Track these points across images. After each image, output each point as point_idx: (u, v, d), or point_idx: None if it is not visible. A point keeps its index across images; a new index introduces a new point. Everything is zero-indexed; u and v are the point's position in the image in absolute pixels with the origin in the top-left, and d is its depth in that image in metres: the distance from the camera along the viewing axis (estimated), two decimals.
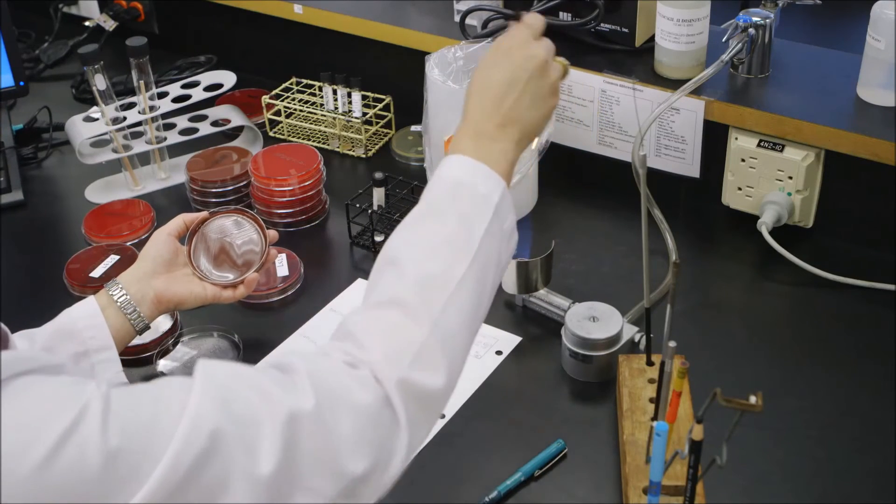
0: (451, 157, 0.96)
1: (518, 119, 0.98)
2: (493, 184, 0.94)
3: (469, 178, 0.94)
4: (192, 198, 1.57)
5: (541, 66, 0.99)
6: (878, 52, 1.34)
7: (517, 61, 0.99)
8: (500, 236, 0.93)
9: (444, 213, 0.92)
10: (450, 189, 0.94)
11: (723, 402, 0.85)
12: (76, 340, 1.15)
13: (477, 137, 0.96)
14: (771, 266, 1.39)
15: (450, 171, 0.95)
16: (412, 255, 0.90)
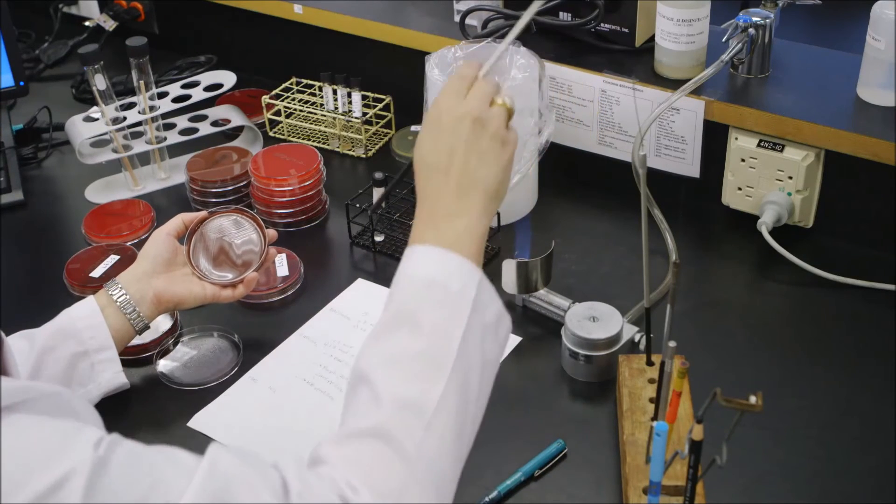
0: (415, 248, 0.90)
1: (472, 184, 0.92)
2: (466, 275, 0.88)
3: (439, 274, 0.87)
4: (192, 198, 1.57)
5: (473, 123, 0.92)
6: (878, 52, 1.34)
7: (448, 127, 0.93)
8: (483, 333, 0.87)
9: (416, 323, 0.85)
10: (419, 291, 0.87)
11: (723, 402, 0.85)
12: (76, 340, 1.15)
13: (435, 219, 0.91)
14: (771, 266, 1.39)
15: (415, 267, 0.89)
16: (385, 375, 0.83)
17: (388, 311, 0.88)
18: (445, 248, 0.89)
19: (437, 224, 0.91)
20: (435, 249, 0.89)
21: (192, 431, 1.19)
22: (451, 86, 0.96)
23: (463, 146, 0.92)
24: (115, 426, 1.18)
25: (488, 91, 0.96)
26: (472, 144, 0.92)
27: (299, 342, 1.31)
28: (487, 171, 0.93)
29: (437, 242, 0.90)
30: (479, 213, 0.92)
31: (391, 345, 0.86)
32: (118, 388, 1.19)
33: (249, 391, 1.25)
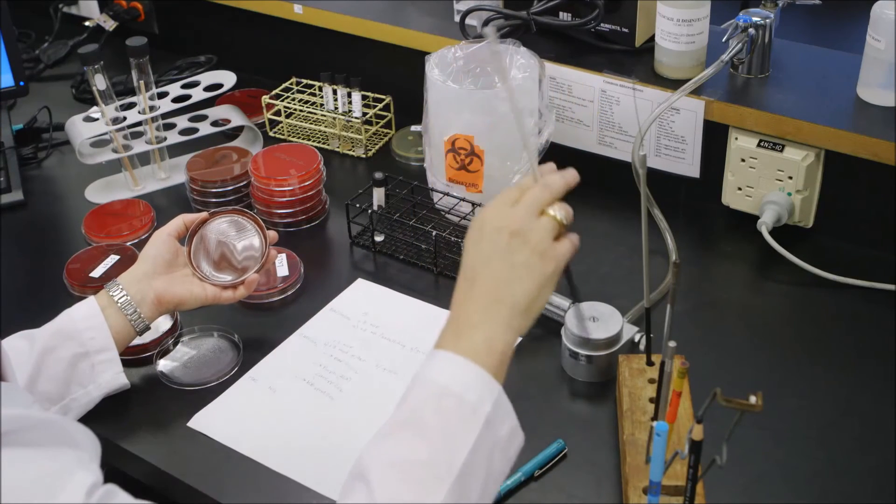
0: (436, 353, 0.88)
1: (500, 297, 0.89)
2: (484, 388, 0.85)
3: (455, 383, 0.85)
4: (192, 198, 1.57)
5: (512, 235, 0.90)
6: (878, 52, 1.34)
7: (486, 237, 0.91)
8: (493, 448, 0.85)
9: (424, 429, 0.84)
10: (434, 397, 0.85)
11: (723, 402, 0.85)
12: (76, 341, 1.15)
13: (459, 327, 0.89)
14: (771, 266, 1.39)
15: (433, 372, 0.87)
16: (384, 477, 0.82)
17: (400, 411, 0.87)
18: (466, 358, 0.87)
19: (461, 332, 0.89)
20: (456, 357, 0.87)
21: (192, 431, 1.19)
22: (504, 194, 0.93)
23: (497, 258, 0.90)
24: (115, 426, 1.19)
25: (540, 200, 0.93)
26: (507, 257, 0.90)
27: (299, 342, 1.31)
28: (519, 286, 0.89)
29: (458, 351, 0.87)
30: (503, 327, 0.89)
31: (396, 447, 0.85)
32: (118, 389, 1.19)
33: (249, 391, 1.25)
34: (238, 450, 1.16)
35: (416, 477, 0.82)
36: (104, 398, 1.18)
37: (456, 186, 1.45)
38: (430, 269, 1.42)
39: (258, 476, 1.13)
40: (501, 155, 1.42)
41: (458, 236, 1.40)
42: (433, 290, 1.39)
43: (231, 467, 1.15)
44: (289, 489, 1.12)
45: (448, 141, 1.42)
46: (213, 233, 1.28)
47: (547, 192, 0.93)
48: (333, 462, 1.14)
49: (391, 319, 1.34)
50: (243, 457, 1.16)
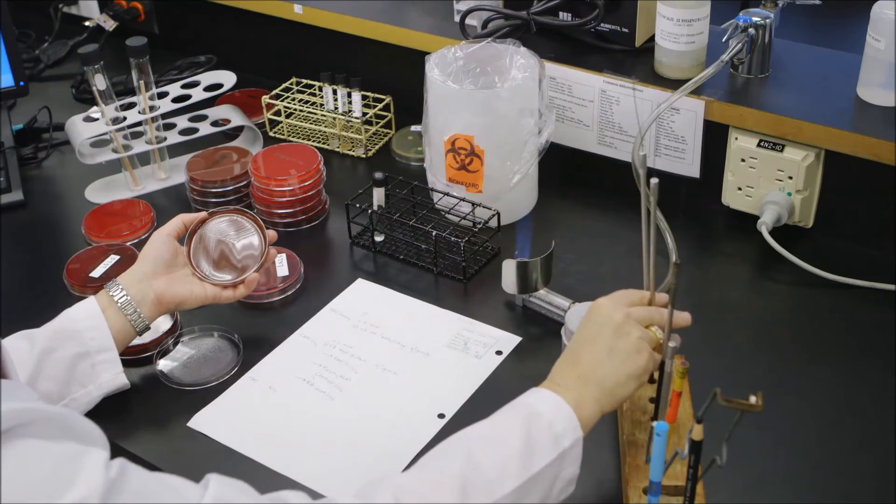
0: (535, 390, 1.00)
1: (594, 375, 1.00)
2: (569, 426, 0.96)
3: (549, 412, 0.96)
4: (192, 198, 1.57)
5: (618, 326, 1.02)
6: (878, 52, 1.34)
7: (596, 319, 1.03)
8: (555, 480, 0.95)
9: (513, 433, 0.94)
10: (525, 416, 0.96)
11: (723, 402, 0.85)
12: (77, 341, 1.15)
13: (554, 386, 1.00)
14: (771, 266, 1.39)
15: (531, 399, 0.99)
16: (469, 452, 0.92)
17: (497, 418, 0.98)
18: (563, 398, 0.98)
19: (557, 388, 1.00)
20: (554, 395, 0.98)
21: (192, 431, 1.19)
22: (627, 293, 1.08)
23: (599, 341, 1.02)
24: (116, 426, 1.18)
25: (652, 316, 1.05)
26: (608, 342, 1.01)
27: (299, 342, 1.31)
28: (611, 368, 1.00)
29: (556, 392, 0.99)
30: (591, 399, 0.99)
31: (481, 441, 0.95)
32: (118, 389, 1.19)
33: (249, 391, 1.25)
34: (238, 450, 1.16)
35: (494, 464, 0.92)
36: (104, 398, 1.18)
37: (456, 186, 1.45)
38: (429, 269, 1.42)
39: (258, 476, 1.13)
40: (501, 155, 1.42)
41: (457, 236, 1.40)
42: (433, 290, 1.39)
43: (231, 467, 1.15)
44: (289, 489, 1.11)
45: (448, 141, 1.42)
46: (213, 232, 1.28)
47: (659, 315, 1.06)
48: (333, 462, 1.14)
49: (391, 319, 1.34)
50: (243, 457, 1.16)
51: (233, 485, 0.84)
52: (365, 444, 1.17)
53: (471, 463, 0.91)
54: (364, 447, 1.16)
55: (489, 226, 1.42)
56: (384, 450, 1.15)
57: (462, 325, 1.32)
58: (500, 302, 1.35)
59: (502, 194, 1.44)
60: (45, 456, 0.74)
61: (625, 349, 1.01)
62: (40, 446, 0.75)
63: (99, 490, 0.73)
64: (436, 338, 1.30)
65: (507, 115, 1.40)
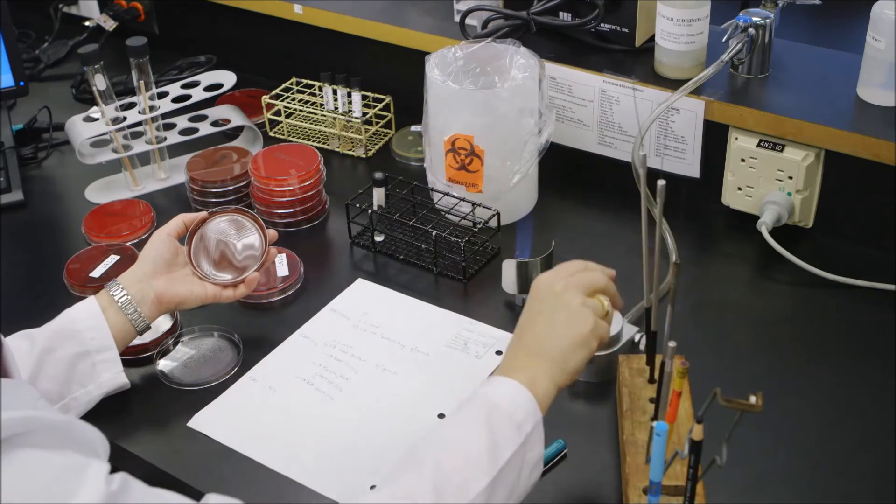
0: (491, 378, 1.00)
1: (540, 350, 1.01)
2: (529, 411, 0.97)
3: (507, 402, 0.96)
4: (192, 198, 1.57)
5: (558, 295, 1.03)
6: (878, 52, 1.34)
7: (536, 295, 1.04)
8: (522, 465, 0.95)
9: (478, 433, 0.94)
10: (486, 410, 0.96)
11: (723, 402, 0.85)
12: (77, 340, 1.15)
13: (507, 370, 1.00)
14: (771, 266, 1.39)
15: (488, 391, 0.99)
16: (438, 461, 0.92)
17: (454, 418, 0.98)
18: (519, 383, 0.98)
19: (510, 372, 1.00)
20: (510, 381, 0.98)
21: (192, 431, 1.19)
22: (569, 264, 1.08)
23: (542, 315, 1.02)
24: (116, 426, 1.18)
25: (595, 282, 1.06)
26: (550, 315, 1.02)
27: (299, 342, 1.31)
28: (555, 342, 1.01)
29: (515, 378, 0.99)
30: (544, 377, 0.99)
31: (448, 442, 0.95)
32: (119, 388, 1.19)
33: (249, 391, 1.25)
34: (238, 450, 1.16)
35: (464, 466, 0.92)
36: (104, 398, 1.18)
37: (456, 186, 1.45)
38: (430, 269, 1.42)
39: (258, 476, 1.13)
40: (501, 155, 1.42)
41: (457, 236, 1.40)
42: (433, 290, 1.39)
43: (231, 467, 1.15)
44: (289, 489, 1.12)
45: (448, 141, 1.42)
46: (213, 232, 1.28)
47: (604, 279, 1.07)
48: (333, 462, 1.14)
49: (391, 319, 1.34)
50: (243, 457, 1.16)
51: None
52: (365, 444, 1.17)
53: (440, 471, 0.91)
54: (364, 447, 1.16)
55: (489, 226, 1.42)
56: (384, 450, 1.15)
57: (462, 325, 1.32)
58: (500, 302, 1.35)
59: (502, 194, 1.44)
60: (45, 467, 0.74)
61: (566, 318, 1.01)
62: (41, 456, 0.74)
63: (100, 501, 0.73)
64: (436, 338, 1.30)
65: (507, 115, 1.40)
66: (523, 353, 1.01)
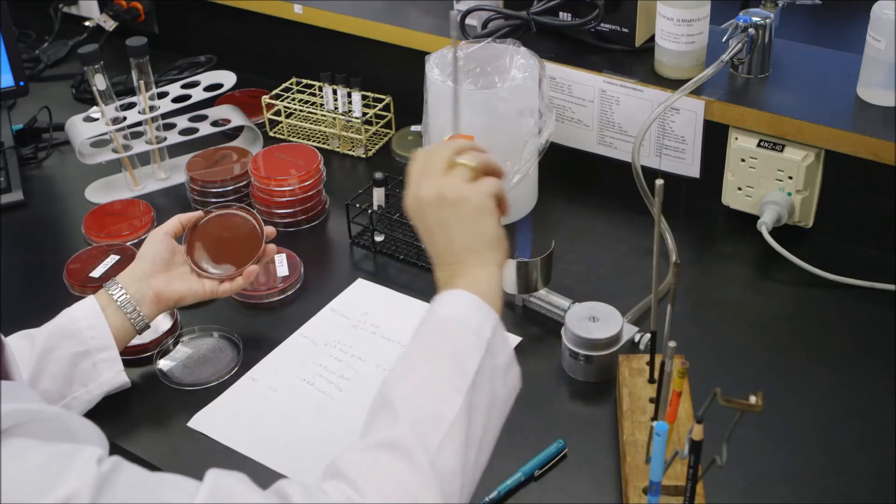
0: (437, 297, 0.96)
1: (460, 256, 0.96)
2: (483, 317, 0.93)
3: (458, 312, 0.93)
4: (192, 198, 1.57)
5: (431, 203, 0.97)
6: (878, 52, 1.34)
7: (414, 215, 0.99)
8: (493, 373, 0.91)
9: (436, 353, 0.91)
10: (439, 326, 0.93)
11: (723, 402, 0.85)
12: (77, 340, 1.15)
13: (447, 283, 0.96)
14: (771, 266, 1.39)
15: (437, 307, 0.95)
16: (405, 395, 0.88)
17: (413, 344, 0.93)
18: (464, 290, 0.94)
19: (450, 283, 0.96)
20: (454, 291, 0.94)
21: (192, 431, 1.19)
22: (417, 165, 1.02)
23: (437, 230, 0.97)
24: (116, 426, 1.18)
25: (445, 158, 1.00)
26: (443, 225, 0.97)
27: (299, 342, 1.31)
28: (465, 238, 0.97)
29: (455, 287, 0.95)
30: (477, 271, 0.95)
31: (412, 370, 0.91)
32: (119, 387, 1.19)
33: (249, 391, 1.25)
34: (238, 450, 1.16)
35: (433, 392, 0.88)
36: (104, 397, 1.18)
37: None
38: (430, 269, 1.41)
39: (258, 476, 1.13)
40: (501, 155, 1.42)
41: None
42: (433, 290, 1.38)
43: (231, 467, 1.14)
44: None
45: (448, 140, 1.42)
46: (211, 229, 1.28)
47: (444, 149, 1.01)
48: None
49: (391, 319, 1.34)
50: (243, 457, 1.16)
51: (232, 475, 0.83)
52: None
53: (411, 405, 0.87)
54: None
55: None
56: None
57: None
58: None
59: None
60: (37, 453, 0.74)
61: (450, 212, 0.96)
62: (34, 445, 0.74)
63: (90, 484, 0.73)
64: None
65: (507, 115, 1.40)
66: (446, 268, 0.97)
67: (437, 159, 1.00)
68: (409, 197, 1.00)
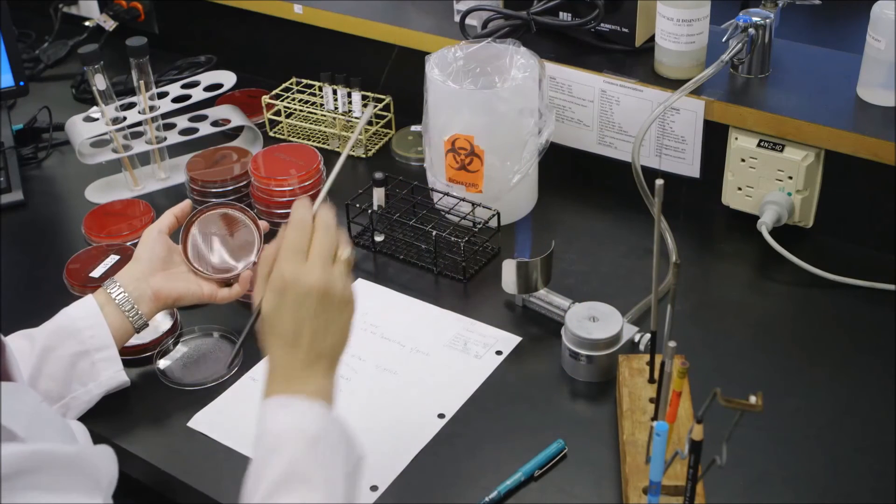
0: (270, 402, 0.94)
1: (320, 355, 0.95)
2: (330, 423, 0.93)
3: (310, 424, 0.92)
4: (192, 198, 1.56)
5: (319, 298, 0.94)
6: (878, 52, 1.34)
7: (293, 301, 0.94)
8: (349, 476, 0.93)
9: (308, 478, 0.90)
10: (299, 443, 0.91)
11: (723, 402, 0.85)
12: (76, 339, 1.15)
13: (288, 380, 0.95)
14: (771, 266, 1.39)
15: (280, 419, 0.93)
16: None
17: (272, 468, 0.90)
18: (301, 396, 0.93)
19: (290, 385, 0.94)
20: (291, 399, 0.93)
21: (192, 431, 1.19)
22: (290, 244, 0.96)
23: (309, 320, 0.94)
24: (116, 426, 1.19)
25: (329, 248, 0.97)
26: (320, 316, 0.95)
27: None
28: (333, 339, 0.96)
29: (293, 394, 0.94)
30: (325, 378, 0.96)
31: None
32: (119, 387, 1.19)
33: (249, 391, 1.25)
34: (238, 450, 1.16)
35: None
36: (104, 397, 1.18)
37: (456, 186, 1.45)
38: (430, 269, 1.42)
39: None
40: (501, 155, 1.42)
41: (458, 236, 1.40)
42: (433, 290, 1.39)
43: (231, 467, 1.15)
44: None
45: (448, 141, 1.42)
46: (207, 227, 1.28)
47: (330, 237, 0.97)
48: None
49: (391, 319, 1.34)
50: (243, 457, 1.16)
51: None
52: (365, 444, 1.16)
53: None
54: (364, 447, 1.16)
55: (489, 226, 1.42)
56: (384, 450, 1.15)
57: (462, 325, 1.32)
58: (500, 302, 1.35)
59: (502, 194, 1.44)
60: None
61: (337, 315, 0.96)
62: (42, 499, 0.73)
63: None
64: (436, 338, 1.30)
65: (507, 115, 1.40)
66: (304, 364, 0.95)
67: (325, 244, 0.96)
68: (283, 271, 0.95)
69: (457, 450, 1.15)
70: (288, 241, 0.96)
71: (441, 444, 1.16)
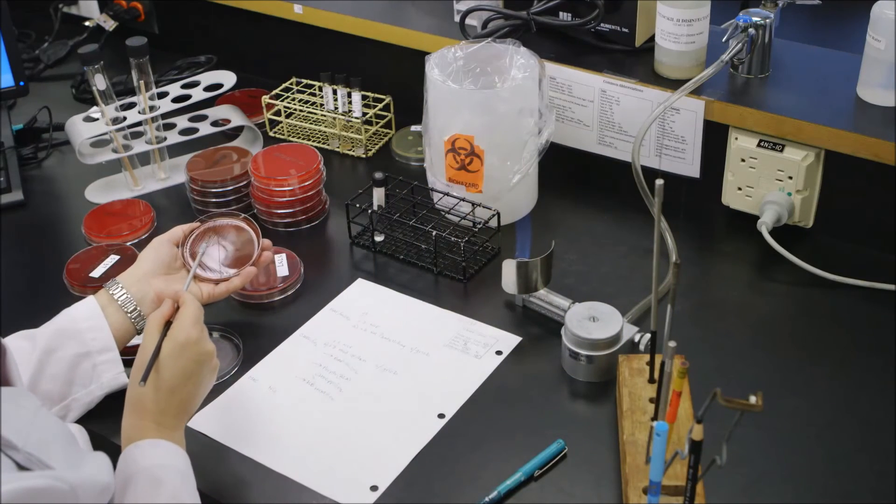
0: (141, 444, 1.04)
1: (189, 410, 1.10)
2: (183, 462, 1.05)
3: (176, 460, 1.05)
4: (192, 198, 1.57)
5: (209, 361, 1.10)
6: (878, 52, 1.34)
7: (192, 357, 1.08)
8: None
9: None
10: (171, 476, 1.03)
11: (723, 402, 0.85)
12: (77, 341, 1.15)
13: (159, 427, 1.06)
14: (771, 266, 1.39)
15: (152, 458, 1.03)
16: None
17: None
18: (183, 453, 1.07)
19: (162, 431, 1.07)
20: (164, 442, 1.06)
21: (192, 431, 1.19)
22: (195, 312, 1.11)
23: (193, 381, 1.09)
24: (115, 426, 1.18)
25: (201, 316, 1.12)
26: (199, 379, 1.10)
27: (299, 342, 1.31)
28: (199, 399, 1.12)
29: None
30: (182, 430, 1.10)
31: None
32: (120, 388, 1.19)
33: (249, 391, 1.25)
34: (238, 450, 1.16)
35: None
36: (105, 397, 1.18)
37: (456, 186, 1.45)
38: (430, 269, 1.42)
39: (258, 476, 1.13)
40: (501, 155, 1.42)
41: (458, 236, 1.40)
42: (433, 290, 1.39)
43: (231, 467, 1.15)
44: (289, 489, 1.12)
45: (448, 141, 1.42)
46: (210, 235, 1.28)
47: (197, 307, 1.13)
48: (333, 462, 1.14)
49: (391, 319, 1.34)
50: (243, 457, 1.16)
51: None
52: (365, 444, 1.17)
53: None
54: (364, 447, 1.16)
55: (489, 226, 1.42)
56: (384, 450, 1.15)
57: (462, 325, 1.32)
58: (500, 302, 1.35)
59: (502, 194, 1.44)
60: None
61: (210, 380, 1.12)
62: None
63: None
64: (436, 338, 1.30)
65: (507, 115, 1.40)
66: (174, 413, 1.07)
67: (197, 318, 1.12)
68: (190, 333, 1.09)
69: (457, 450, 1.15)
70: (194, 308, 1.11)
71: (441, 444, 1.16)
